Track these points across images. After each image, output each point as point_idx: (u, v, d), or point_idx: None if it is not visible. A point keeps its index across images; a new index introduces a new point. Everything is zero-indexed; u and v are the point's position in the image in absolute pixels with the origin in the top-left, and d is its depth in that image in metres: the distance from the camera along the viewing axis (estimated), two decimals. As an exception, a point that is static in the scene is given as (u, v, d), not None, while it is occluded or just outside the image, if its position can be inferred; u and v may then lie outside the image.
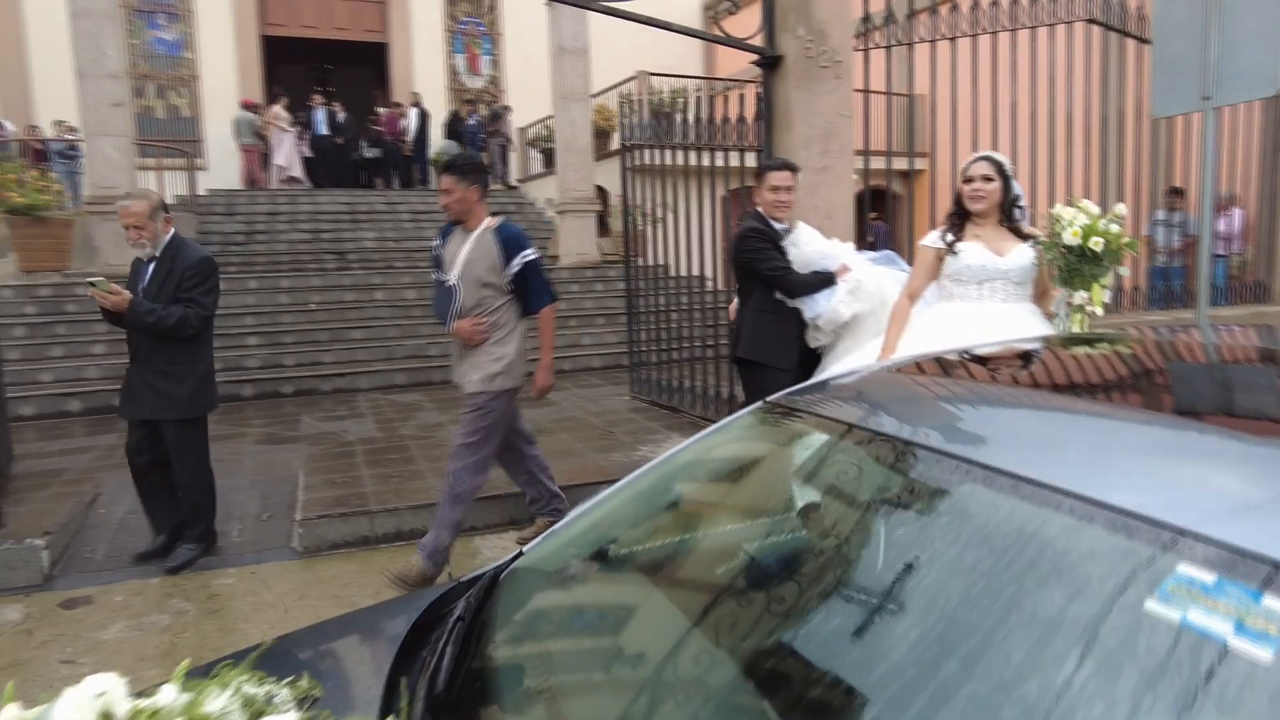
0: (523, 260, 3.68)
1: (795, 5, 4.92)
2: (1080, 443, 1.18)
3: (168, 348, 3.74)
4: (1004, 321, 2.93)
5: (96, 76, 8.76)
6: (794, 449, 1.84)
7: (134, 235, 3.66)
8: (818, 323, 3.86)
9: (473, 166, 3.76)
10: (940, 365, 1.90)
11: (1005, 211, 3.15)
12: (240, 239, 11.69)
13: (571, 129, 10.88)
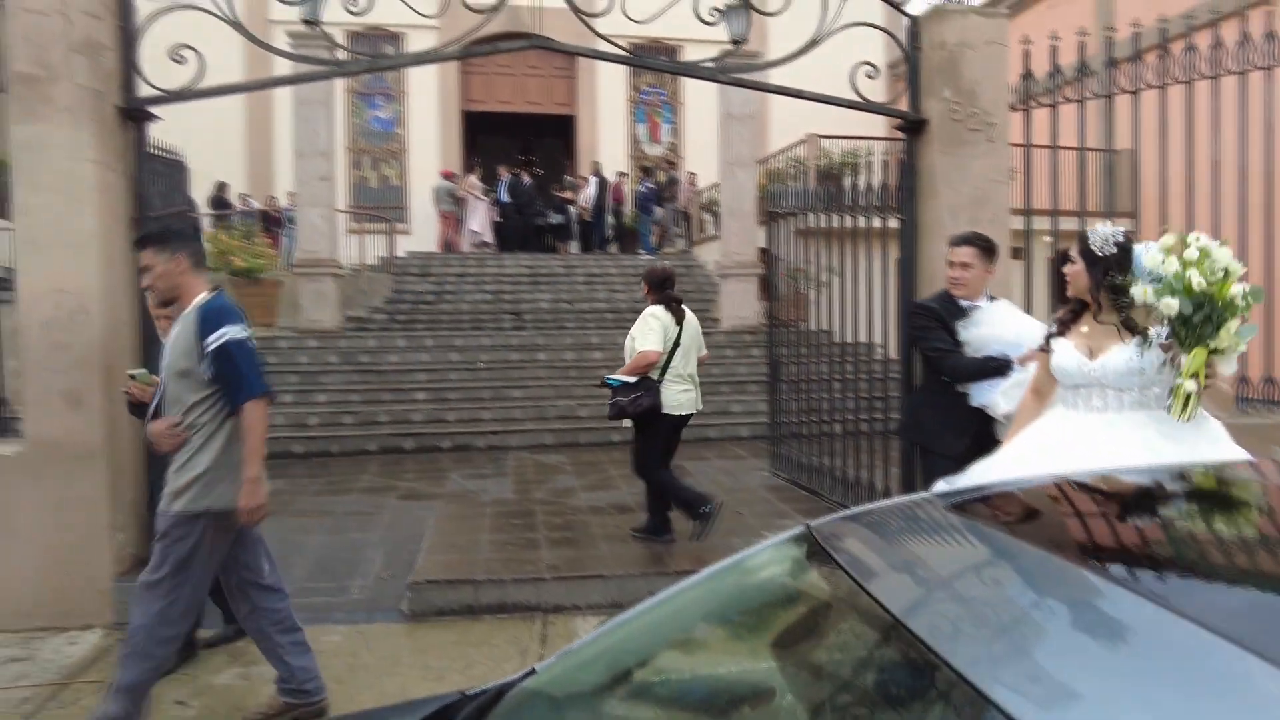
0: (219, 340, 2.82)
1: (941, 67, 4.56)
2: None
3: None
4: (1109, 441, 2.44)
5: (310, 155, 9.90)
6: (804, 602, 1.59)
7: (163, 325, 3.44)
8: (992, 412, 3.54)
9: (174, 234, 3.04)
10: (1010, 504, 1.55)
11: (1111, 300, 2.60)
12: (430, 298, 12.63)
13: (737, 193, 10.84)
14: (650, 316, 4.75)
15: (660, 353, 4.65)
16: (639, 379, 4.64)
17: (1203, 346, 2.37)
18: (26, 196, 4.07)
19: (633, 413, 4.67)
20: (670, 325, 4.74)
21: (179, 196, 5.49)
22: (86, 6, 4.07)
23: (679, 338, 4.75)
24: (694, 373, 4.91)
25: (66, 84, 4.05)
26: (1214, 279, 2.37)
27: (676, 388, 4.74)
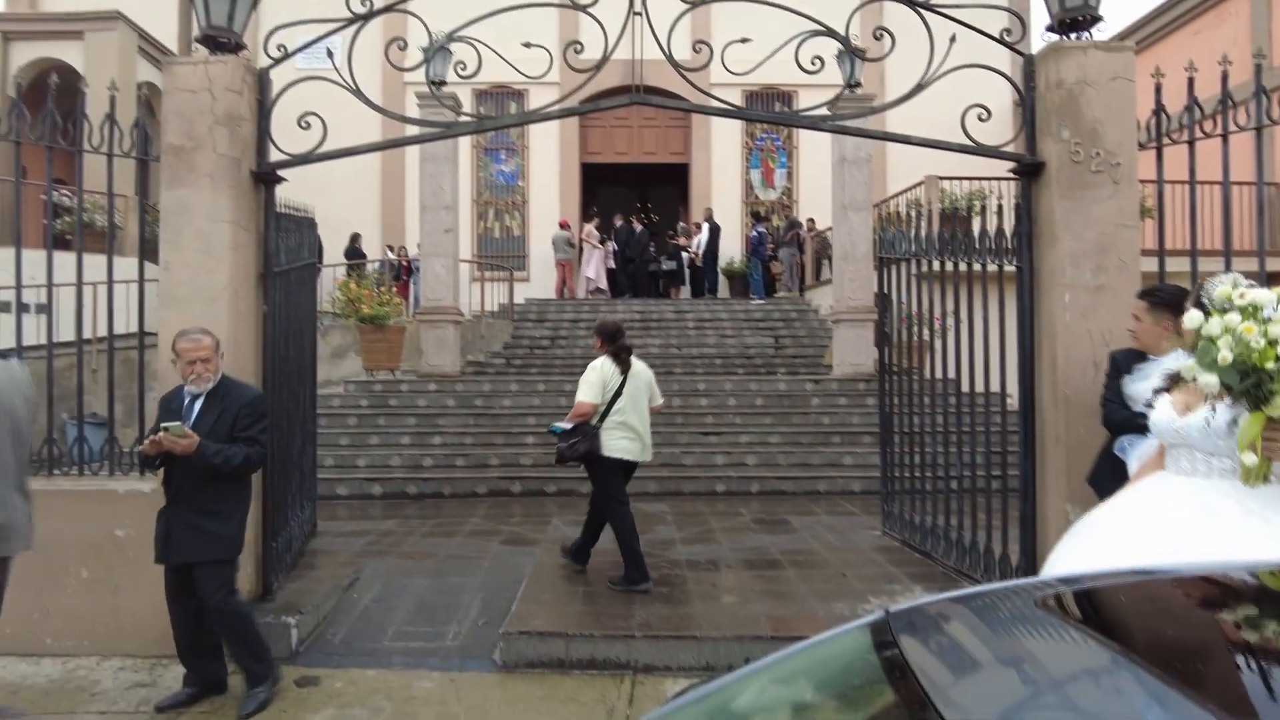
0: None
1: (1059, 106, 4.30)
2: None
3: (215, 486, 3.60)
4: (1193, 511, 2.25)
5: (434, 208, 10.44)
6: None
7: (200, 369, 3.57)
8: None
9: None
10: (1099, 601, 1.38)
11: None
12: (544, 343, 12.97)
13: (850, 237, 10.59)
14: (591, 369, 5.17)
15: (594, 404, 5.07)
16: (576, 426, 5.10)
17: (1259, 413, 2.16)
18: (169, 254, 4.45)
19: (571, 457, 5.12)
20: (612, 377, 5.11)
21: (306, 251, 5.87)
22: (230, 83, 4.46)
23: (621, 387, 5.09)
24: (639, 421, 5.19)
25: (209, 153, 4.44)
26: (1255, 344, 2.12)
27: (616, 434, 5.09)
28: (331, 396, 9.76)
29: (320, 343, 10.71)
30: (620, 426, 5.09)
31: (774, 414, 9.57)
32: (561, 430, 5.18)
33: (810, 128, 4.95)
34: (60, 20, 15.28)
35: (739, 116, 5.41)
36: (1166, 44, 15.43)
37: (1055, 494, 4.28)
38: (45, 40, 14.97)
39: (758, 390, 10.08)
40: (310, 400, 6.24)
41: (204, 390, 3.62)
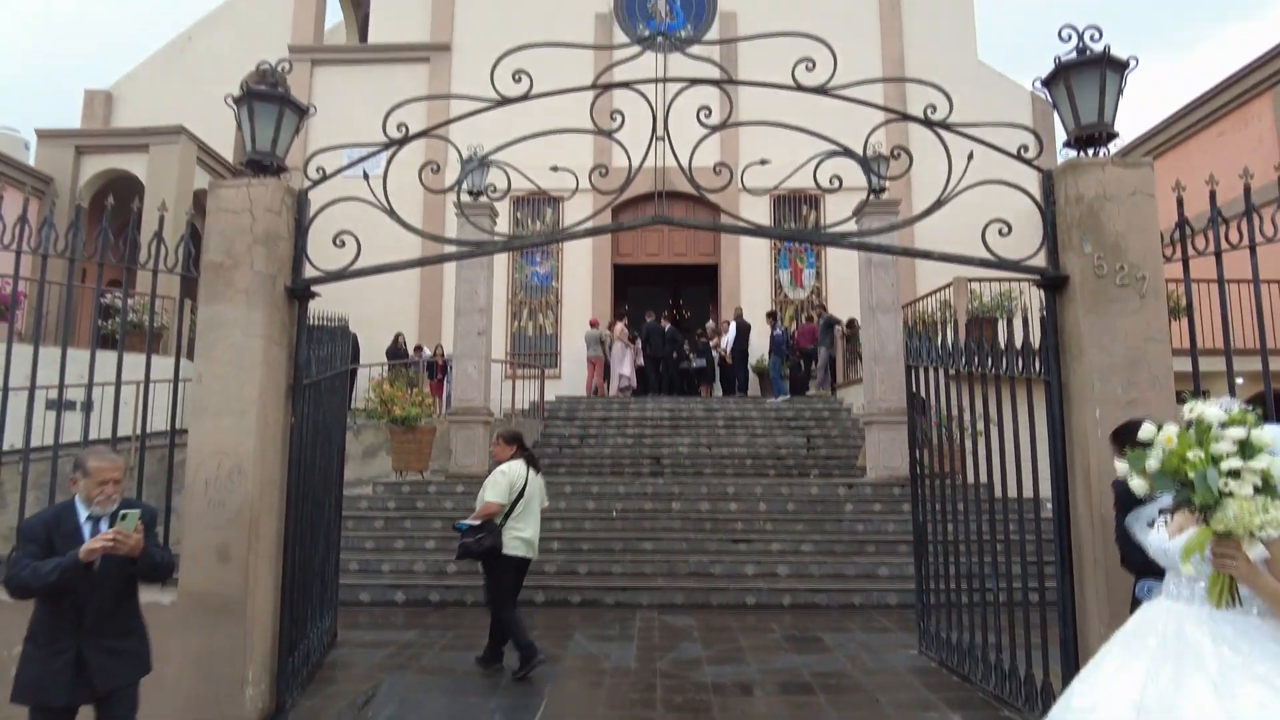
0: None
1: (1080, 220, 4.32)
2: None
3: (130, 604, 3.35)
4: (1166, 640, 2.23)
5: (468, 311, 10.68)
6: None
7: (111, 489, 3.28)
8: None
9: None
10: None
11: None
12: (574, 442, 12.94)
13: (879, 338, 10.56)
14: (499, 472, 5.63)
15: (500, 505, 5.51)
16: (483, 523, 5.50)
17: (1205, 527, 2.15)
18: (203, 367, 4.58)
19: (477, 551, 5.47)
20: (518, 479, 5.59)
21: (339, 360, 6.00)
22: (270, 204, 4.68)
23: (524, 490, 5.55)
24: (534, 521, 5.66)
25: (246, 270, 4.62)
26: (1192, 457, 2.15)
27: (515, 534, 5.49)
28: (359, 498, 9.77)
29: (352, 441, 10.83)
30: (520, 526, 5.52)
31: (806, 520, 9.34)
32: (467, 527, 5.55)
33: (832, 244, 5.00)
34: (129, 135, 16.31)
35: (762, 234, 5.52)
36: (1192, 144, 15.57)
37: (1096, 618, 4.07)
38: (113, 153, 15.96)
39: (789, 494, 9.89)
40: (335, 507, 6.25)
41: (108, 512, 3.26)
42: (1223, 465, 2.09)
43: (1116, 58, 4.45)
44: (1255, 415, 2.18)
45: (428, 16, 18.49)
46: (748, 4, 17.38)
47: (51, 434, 5.15)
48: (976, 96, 17.22)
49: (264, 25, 19.02)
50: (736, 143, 15.54)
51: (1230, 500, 2.07)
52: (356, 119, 17.23)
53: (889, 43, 17.87)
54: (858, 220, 7.25)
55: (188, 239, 5.06)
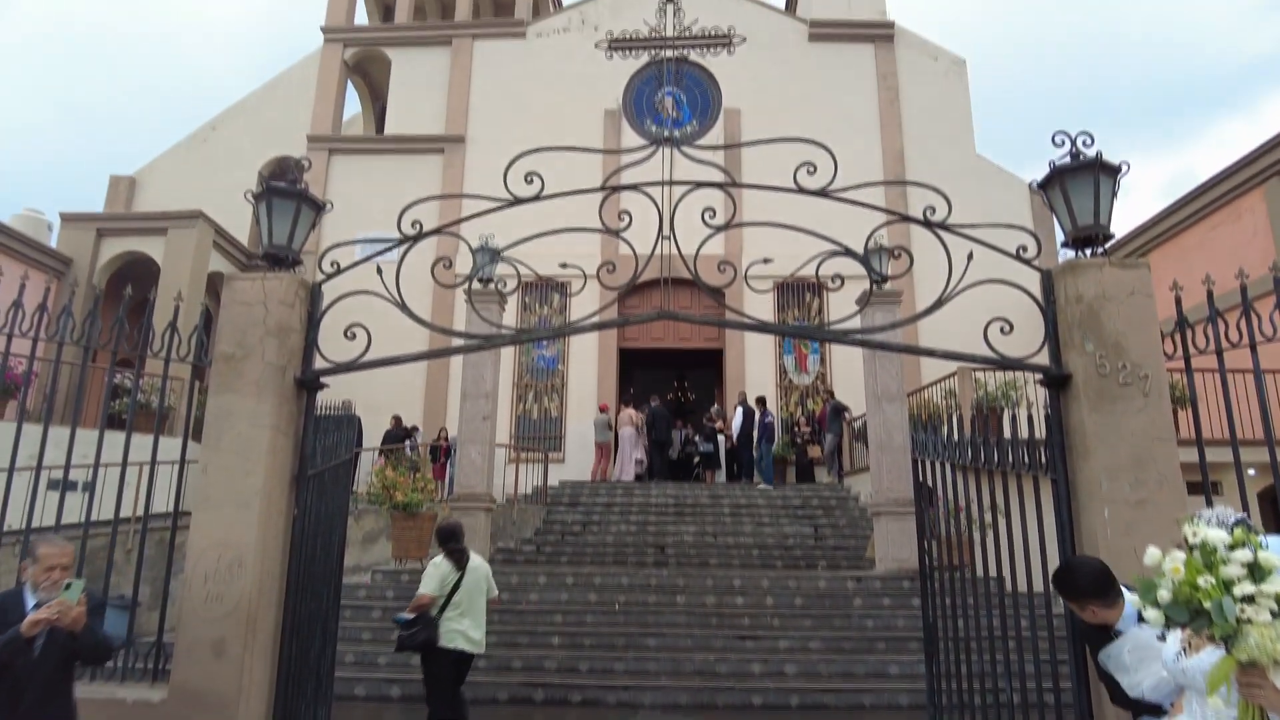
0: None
1: (1081, 320, 4.37)
2: None
3: (66, 696, 3.30)
4: None
5: (474, 396, 10.73)
6: None
7: (58, 575, 3.24)
8: None
9: None
10: None
11: None
12: (577, 529, 12.78)
13: (885, 427, 10.54)
14: (431, 565, 5.74)
15: (433, 596, 5.55)
16: (418, 616, 5.54)
17: (1229, 656, 2.07)
18: (209, 457, 4.58)
19: (412, 645, 5.54)
20: (449, 573, 5.62)
21: (344, 448, 6.00)
22: (283, 297, 4.77)
23: (458, 582, 5.57)
24: (475, 614, 5.62)
25: (257, 361, 4.68)
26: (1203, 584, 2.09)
27: (453, 626, 5.51)
28: (358, 586, 9.60)
29: (352, 526, 10.71)
30: (457, 619, 5.53)
31: (814, 615, 9.11)
32: (404, 620, 5.61)
33: (836, 341, 5.06)
34: (149, 219, 16.75)
35: (766, 330, 5.59)
36: (1187, 236, 15.82)
37: (1115, 726, 3.92)
38: (132, 236, 16.36)
39: (797, 588, 9.68)
40: (334, 599, 6.12)
41: (53, 598, 3.20)
42: (1236, 591, 2.05)
43: (1109, 163, 4.59)
44: (1256, 533, 2.17)
45: (443, 110, 19.22)
46: (751, 100, 18.06)
47: (53, 515, 5.13)
48: (975, 190, 17.71)
49: (284, 116, 19.78)
50: (740, 236, 15.92)
51: (1250, 628, 2.02)
52: (371, 206, 17.81)
53: (889, 136, 18.45)
54: (861, 313, 7.35)
55: (200, 329, 5.15)
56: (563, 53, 19.37)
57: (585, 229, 4.99)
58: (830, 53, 19.34)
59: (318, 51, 20.28)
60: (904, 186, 17.66)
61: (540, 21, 20.11)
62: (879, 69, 19.12)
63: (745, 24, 19.19)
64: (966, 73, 19.31)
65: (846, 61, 19.26)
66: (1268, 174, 13.60)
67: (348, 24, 20.48)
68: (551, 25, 19.97)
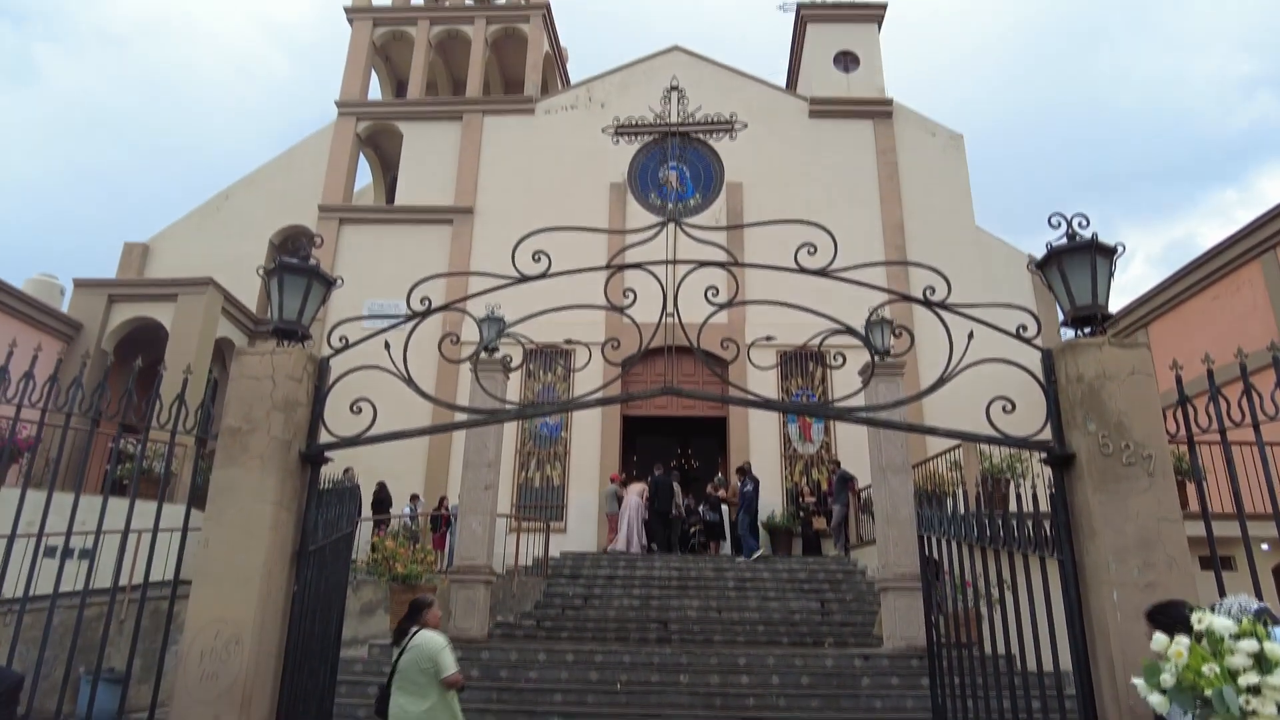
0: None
1: (1083, 399, 4.40)
2: None
3: None
4: None
5: (477, 465, 10.69)
6: None
7: None
8: None
9: None
10: None
11: None
12: (578, 602, 12.55)
13: (891, 500, 10.44)
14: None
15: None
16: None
17: None
18: (211, 531, 4.57)
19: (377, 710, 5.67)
20: (395, 649, 5.72)
21: (346, 521, 5.97)
22: (291, 372, 4.82)
23: (398, 659, 5.59)
24: (411, 690, 5.48)
25: (263, 435, 4.70)
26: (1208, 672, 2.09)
27: (396, 699, 5.51)
28: (355, 661, 9.40)
29: (351, 597, 10.55)
30: (397, 693, 5.55)
31: (822, 695, 8.87)
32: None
33: (840, 418, 5.08)
34: (160, 285, 17.02)
35: (770, 408, 5.62)
36: (1188, 307, 15.94)
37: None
38: (143, 302, 16.59)
39: (803, 666, 9.45)
40: (331, 674, 6.01)
41: None
42: (1240, 681, 2.03)
43: (1104, 244, 4.68)
44: (1264, 623, 2.15)
45: (452, 181, 19.68)
46: (753, 174, 18.49)
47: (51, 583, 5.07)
48: (976, 261, 17.96)
49: (296, 186, 20.26)
50: (743, 309, 16.06)
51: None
52: (380, 274, 18.08)
53: (889, 209, 18.79)
54: (865, 386, 7.38)
55: (207, 404, 5.18)
56: (570, 128, 19.93)
57: (590, 305, 5.07)
58: (830, 128, 19.87)
59: (331, 125, 20.89)
60: (904, 257, 17.95)
61: (548, 99, 20.75)
62: (878, 144, 19.61)
63: (747, 99, 19.85)
64: (964, 147, 19.78)
65: (846, 136, 19.77)
66: (1264, 247, 13.79)
67: (361, 99, 21.15)
68: (559, 102, 20.59)
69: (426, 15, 22.06)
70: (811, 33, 21.47)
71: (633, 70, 20.83)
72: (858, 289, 4.96)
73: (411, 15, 22.12)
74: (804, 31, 21.98)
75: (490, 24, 21.89)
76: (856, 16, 21.29)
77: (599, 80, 20.78)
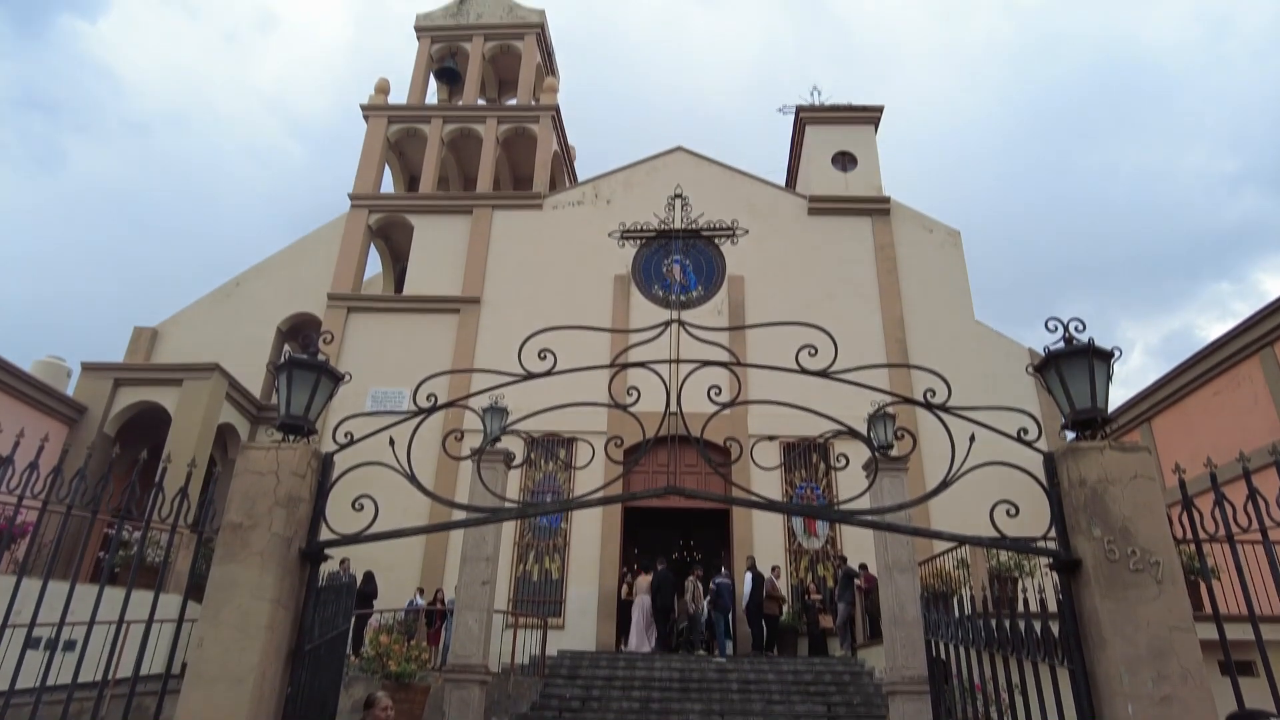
0: None
1: (1086, 504, 4.38)
2: None
3: None
4: None
5: (475, 559, 10.53)
6: None
7: None
8: None
9: None
10: None
11: None
12: (576, 705, 12.13)
13: (898, 599, 10.21)
14: None
15: None
16: None
17: None
18: (206, 630, 4.48)
19: None
20: None
21: (342, 618, 5.87)
22: (295, 467, 4.84)
23: None
24: None
25: (264, 531, 4.67)
26: None
27: None
28: (343, 764, 9.03)
29: (342, 695, 10.21)
30: None
31: (827, 805, 8.49)
32: None
33: (845, 521, 5.06)
34: (166, 370, 17.16)
35: (774, 509, 5.60)
36: (1189, 402, 15.95)
37: None
38: (148, 386, 16.68)
39: (808, 774, 9.08)
40: (319, 781, 5.80)
41: None
42: None
43: (1101, 348, 4.76)
44: None
45: (460, 272, 20.09)
46: (755, 267, 18.87)
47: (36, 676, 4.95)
48: (976, 355, 18.11)
49: (307, 274, 20.68)
50: (746, 389, 16.12)
51: None
52: (386, 362, 18.26)
53: (888, 303, 19.07)
54: (869, 483, 7.36)
55: (212, 498, 5.18)
56: (576, 223, 20.48)
57: (595, 404, 5.12)
58: (829, 225, 20.39)
59: (344, 216, 21.49)
60: (905, 351, 18.11)
61: (556, 194, 21.40)
62: (877, 240, 20.07)
63: (747, 196, 20.47)
64: (961, 244, 20.23)
65: (845, 233, 20.27)
66: (1262, 343, 13.91)
67: (374, 192, 21.82)
68: (567, 198, 21.23)
69: (440, 114, 22.98)
70: (810, 134, 22.29)
71: (637, 169, 21.55)
72: (860, 389, 5.02)
73: (426, 114, 23.05)
74: (803, 132, 22.82)
75: (502, 124, 22.78)
76: (854, 119, 22.15)
77: (605, 178, 21.47)
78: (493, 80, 26.15)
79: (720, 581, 14.77)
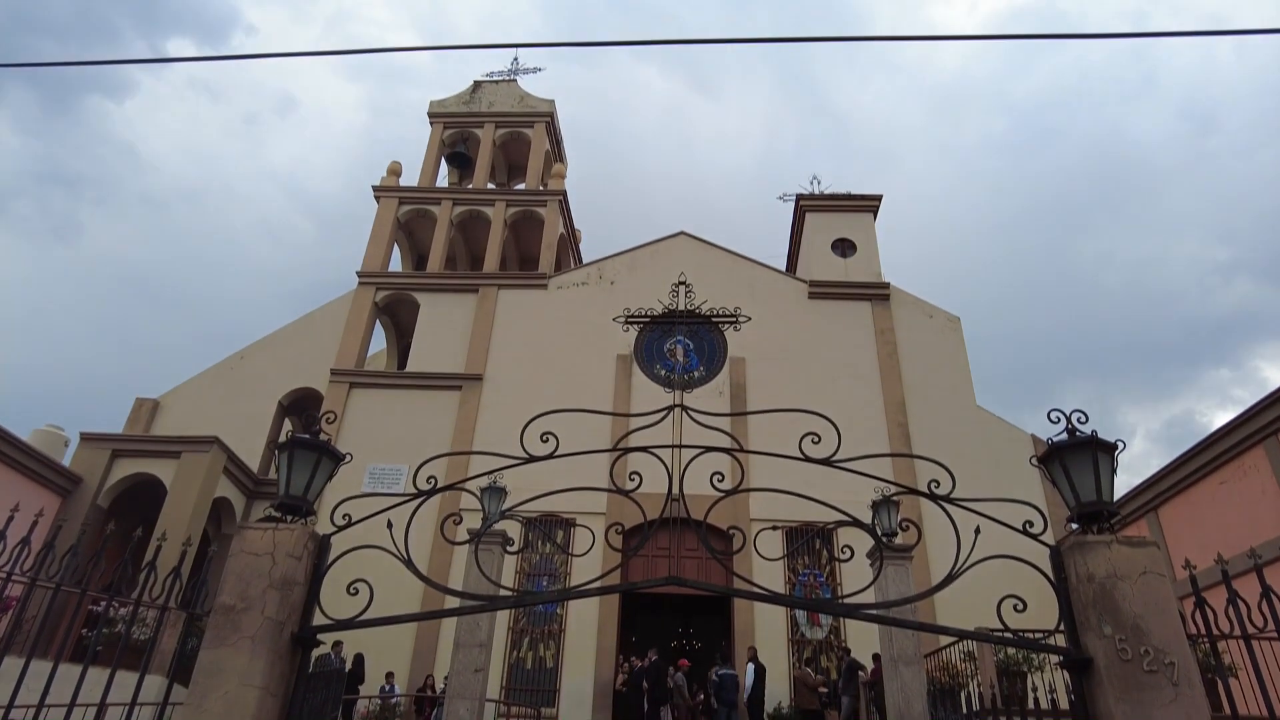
0: None
1: (1095, 600, 4.29)
2: None
3: None
4: None
5: (468, 646, 10.24)
6: None
7: None
8: None
9: None
10: None
11: None
12: (569, 799, 11.61)
13: (904, 694, 9.89)
14: None
15: None
16: None
17: None
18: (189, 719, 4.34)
19: None
20: None
21: (331, 705, 5.69)
22: (292, 549, 4.77)
23: None
24: None
25: (257, 614, 4.57)
26: None
27: None
28: None
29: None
30: None
31: None
32: None
33: (849, 615, 4.96)
34: (164, 442, 17.05)
35: (778, 602, 5.49)
36: (1196, 490, 15.74)
37: None
38: (145, 458, 16.56)
39: None
40: None
41: None
42: None
43: (1104, 440, 4.75)
44: None
45: (464, 349, 20.21)
46: (756, 349, 18.98)
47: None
48: (979, 440, 18.02)
49: (311, 349, 20.81)
50: (749, 477, 15.97)
51: None
52: (386, 437, 18.19)
53: (889, 386, 19.10)
54: (875, 574, 7.23)
55: (205, 578, 5.09)
56: (580, 303, 20.74)
57: (595, 488, 5.08)
58: (829, 309, 20.62)
59: (350, 293, 21.76)
60: (908, 439, 18.00)
61: (561, 275, 21.73)
62: (876, 324, 20.26)
63: (749, 280, 20.77)
64: (961, 329, 20.39)
65: (845, 317, 20.47)
66: (1267, 432, 13.83)
67: (382, 269, 22.16)
68: (571, 279, 21.56)
69: (450, 196, 23.56)
70: (810, 221, 22.78)
71: (641, 251, 21.95)
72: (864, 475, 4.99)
73: (436, 195, 23.63)
74: (803, 219, 23.33)
75: (510, 207, 23.33)
76: (853, 207, 22.68)
77: (610, 260, 21.84)
78: (502, 164, 26.90)
79: (723, 673, 14.25)
